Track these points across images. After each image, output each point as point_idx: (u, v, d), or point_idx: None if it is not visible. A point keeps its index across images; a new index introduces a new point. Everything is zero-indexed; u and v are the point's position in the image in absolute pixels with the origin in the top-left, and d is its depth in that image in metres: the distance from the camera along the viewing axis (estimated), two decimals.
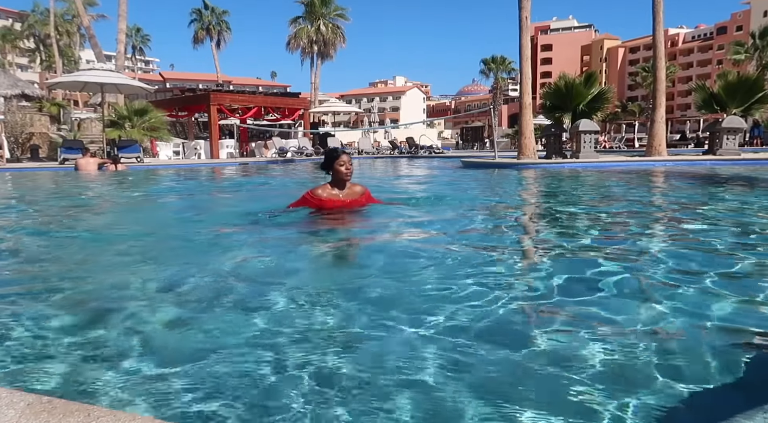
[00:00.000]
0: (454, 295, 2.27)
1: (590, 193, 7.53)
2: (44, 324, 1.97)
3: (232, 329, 1.90)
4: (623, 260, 2.92)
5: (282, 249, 3.35)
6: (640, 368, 1.54)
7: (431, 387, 1.43)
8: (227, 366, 1.58)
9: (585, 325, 1.89)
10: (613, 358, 1.61)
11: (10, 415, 1.05)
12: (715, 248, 3.25)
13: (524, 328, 1.91)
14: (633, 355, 1.63)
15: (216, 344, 1.76)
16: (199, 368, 1.56)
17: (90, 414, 1.06)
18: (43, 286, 2.58)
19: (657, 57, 14.25)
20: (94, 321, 2.02)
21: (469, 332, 1.83)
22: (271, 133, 24.91)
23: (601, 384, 1.44)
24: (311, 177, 11.35)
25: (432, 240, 3.57)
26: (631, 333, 1.81)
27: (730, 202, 5.98)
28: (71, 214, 5.89)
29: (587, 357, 1.61)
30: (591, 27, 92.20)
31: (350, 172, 4.07)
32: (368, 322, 1.93)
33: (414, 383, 1.45)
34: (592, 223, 4.45)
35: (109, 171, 13.49)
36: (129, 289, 2.45)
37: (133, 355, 1.68)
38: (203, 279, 2.61)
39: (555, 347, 1.70)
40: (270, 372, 1.54)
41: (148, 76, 77.78)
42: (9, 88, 21.89)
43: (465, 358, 1.62)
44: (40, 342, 1.80)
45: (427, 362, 1.58)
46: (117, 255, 3.29)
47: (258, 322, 1.95)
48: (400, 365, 1.56)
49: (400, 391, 1.41)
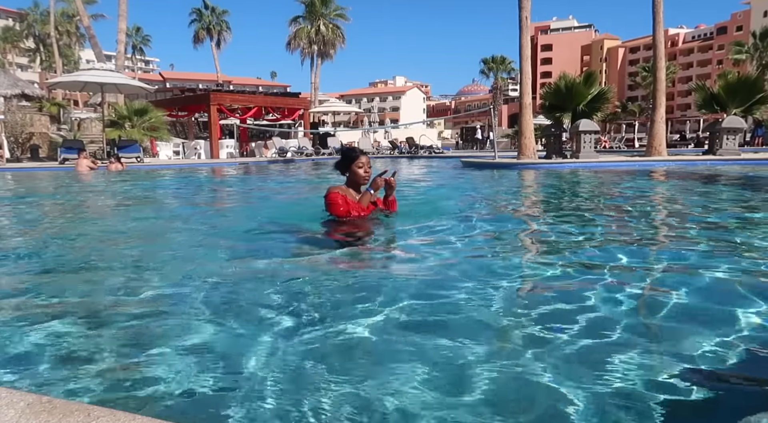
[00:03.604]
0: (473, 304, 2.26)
1: (591, 194, 7.52)
2: (43, 323, 1.97)
3: (253, 333, 1.89)
4: (626, 260, 2.92)
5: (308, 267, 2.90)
6: (647, 369, 1.54)
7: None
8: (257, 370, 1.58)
9: (588, 328, 1.89)
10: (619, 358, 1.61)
11: (10, 415, 1.04)
12: (717, 247, 3.25)
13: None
14: (639, 356, 1.62)
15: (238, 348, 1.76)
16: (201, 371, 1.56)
17: (90, 414, 1.06)
18: (37, 288, 2.58)
19: (657, 57, 14.25)
20: (95, 320, 2.02)
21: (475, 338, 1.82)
22: (271, 133, 24.90)
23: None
24: (311, 177, 11.34)
25: (433, 245, 3.56)
26: (633, 332, 1.81)
27: (730, 202, 5.98)
28: (57, 213, 5.89)
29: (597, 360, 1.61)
30: (591, 27, 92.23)
31: (369, 175, 3.74)
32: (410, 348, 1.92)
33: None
34: (593, 224, 4.45)
35: (110, 171, 13.48)
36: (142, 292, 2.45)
37: (134, 355, 1.68)
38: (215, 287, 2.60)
39: (557, 345, 1.69)
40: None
41: (148, 76, 77.75)
42: (9, 88, 21.89)
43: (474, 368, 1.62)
44: (41, 341, 1.80)
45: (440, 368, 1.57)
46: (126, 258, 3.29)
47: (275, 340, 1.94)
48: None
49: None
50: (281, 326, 1.90)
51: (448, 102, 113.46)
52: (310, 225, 3.80)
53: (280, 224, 4.28)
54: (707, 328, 1.87)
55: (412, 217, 4.16)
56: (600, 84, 18.01)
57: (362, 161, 3.71)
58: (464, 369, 1.54)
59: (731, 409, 1.34)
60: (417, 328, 1.88)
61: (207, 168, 16.80)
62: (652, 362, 1.58)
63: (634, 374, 1.50)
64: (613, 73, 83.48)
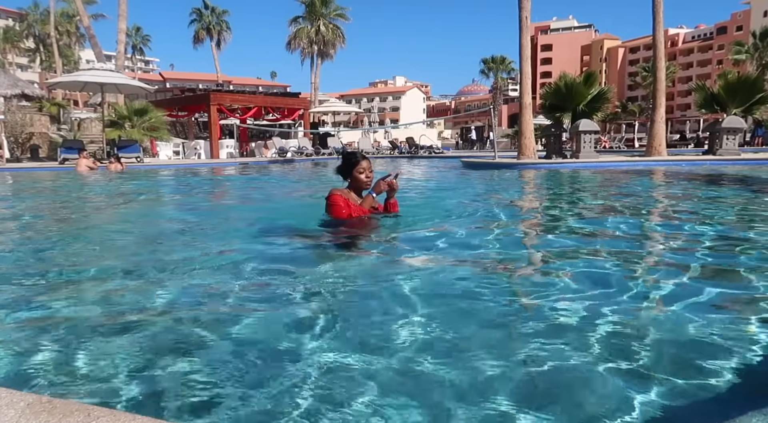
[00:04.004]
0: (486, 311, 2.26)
1: (591, 194, 7.52)
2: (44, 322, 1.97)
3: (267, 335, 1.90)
4: (626, 260, 2.92)
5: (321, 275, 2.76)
6: (647, 367, 1.54)
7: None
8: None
9: (593, 330, 1.89)
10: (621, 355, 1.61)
11: (10, 415, 1.04)
12: (718, 247, 3.25)
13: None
14: (640, 353, 1.62)
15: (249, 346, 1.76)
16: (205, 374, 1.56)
17: (90, 414, 1.05)
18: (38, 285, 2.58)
19: (657, 57, 14.25)
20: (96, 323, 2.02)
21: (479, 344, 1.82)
22: (271, 133, 24.91)
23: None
24: (311, 177, 11.35)
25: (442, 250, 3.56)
26: (632, 331, 1.81)
27: (727, 201, 5.98)
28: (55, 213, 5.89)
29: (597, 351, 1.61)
30: (591, 27, 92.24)
31: (371, 180, 3.70)
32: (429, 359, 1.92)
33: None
34: (594, 224, 4.45)
35: (110, 171, 13.48)
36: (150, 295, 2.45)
37: (134, 354, 1.68)
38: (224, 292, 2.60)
39: (560, 345, 1.70)
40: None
41: (148, 76, 77.78)
42: (9, 88, 21.89)
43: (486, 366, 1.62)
44: (41, 341, 1.80)
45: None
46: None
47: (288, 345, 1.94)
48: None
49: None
50: (281, 326, 1.90)
51: (448, 102, 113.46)
52: (310, 226, 3.78)
53: (280, 225, 4.27)
54: (710, 327, 1.87)
55: (413, 219, 4.15)
56: (600, 84, 18.02)
57: (363, 166, 3.66)
58: (465, 369, 1.54)
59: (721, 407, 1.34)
60: (417, 328, 1.88)
61: (207, 168, 16.80)
62: (651, 363, 1.58)
63: (634, 373, 1.50)
64: (613, 73, 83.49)
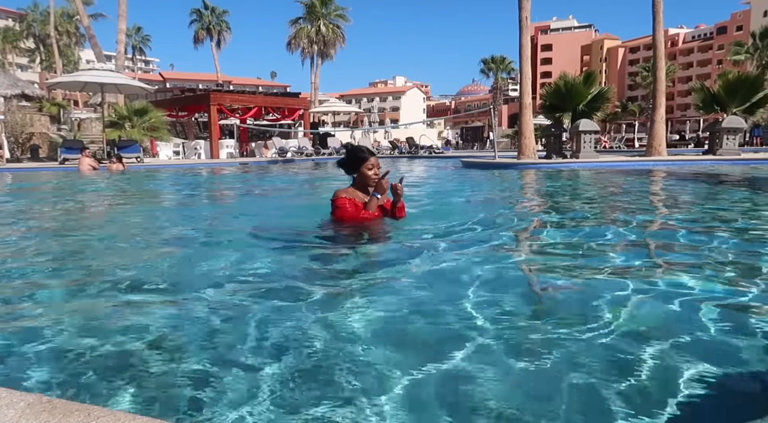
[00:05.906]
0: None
1: (591, 193, 7.52)
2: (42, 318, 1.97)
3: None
4: (626, 260, 2.92)
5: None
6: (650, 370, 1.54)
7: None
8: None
9: (594, 329, 1.89)
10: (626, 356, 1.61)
11: (10, 415, 1.04)
12: (719, 246, 3.25)
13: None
14: (643, 354, 1.62)
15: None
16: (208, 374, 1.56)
17: (90, 414, 1.05)
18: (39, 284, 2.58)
19: (657, 57, 14.25)
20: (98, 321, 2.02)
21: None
22: (271, 133, 24.91)
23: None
24: (312, 177, 11.35)
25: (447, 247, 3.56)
26: (634, 330, 1.81)
27: (731, 201, 5.99)
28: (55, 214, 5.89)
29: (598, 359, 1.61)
30: (591, 27, 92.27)
31: (378, 178, 3.51)
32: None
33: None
34: (594, 224, 4.44)
35: (110, 171, 13.48)
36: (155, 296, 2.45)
37: (134, 355, 1.68)
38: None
39: (561, 345, 1.69)
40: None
41: (148, 76, 77.81)
42: (9, 88, 21.88)
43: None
44: (39, 342, 1.80)
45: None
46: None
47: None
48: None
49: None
50: (281, 327, 1.90)
51: (448, 102, 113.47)
52: (313, 227, 3.77)
53: (281, 226, 4.26)
54: (713, 327, 1.87)
55: (415, 219, 4.15)
56: (600, 84, 18.01)
57: (372, 163, 3.49)
58: (465, 370, 1.54)
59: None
60: (419, 329, 1.88)
61: (207, 168, 16.81)
62: (653, 363, 1.58)
63: (636, 374, 1.50)
64: (613, 73, 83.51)
